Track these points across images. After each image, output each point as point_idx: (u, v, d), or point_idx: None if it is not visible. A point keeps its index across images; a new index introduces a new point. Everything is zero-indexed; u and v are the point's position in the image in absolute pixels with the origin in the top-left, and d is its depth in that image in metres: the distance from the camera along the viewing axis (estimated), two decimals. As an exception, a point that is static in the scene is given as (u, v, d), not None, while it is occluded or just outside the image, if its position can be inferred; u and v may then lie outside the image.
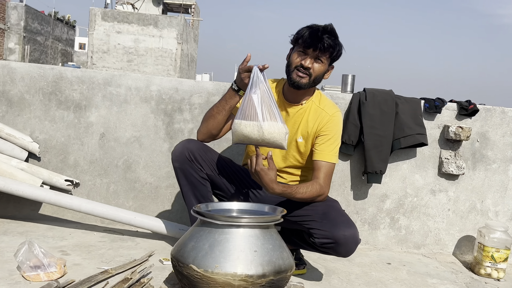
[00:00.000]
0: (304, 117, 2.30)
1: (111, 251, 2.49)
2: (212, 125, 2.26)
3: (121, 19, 24.61)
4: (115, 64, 24.52)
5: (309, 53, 2.17)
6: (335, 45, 2.18)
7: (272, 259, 1.44)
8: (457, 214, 3.04)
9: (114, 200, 2.97)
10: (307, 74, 2.19)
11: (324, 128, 2.26)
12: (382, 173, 2.88)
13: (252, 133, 2.00)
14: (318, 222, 2.13)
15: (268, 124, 1.98)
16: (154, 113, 2.95)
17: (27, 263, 2.04)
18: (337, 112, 2.32)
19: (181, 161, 2.25)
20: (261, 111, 1.97)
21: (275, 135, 2.00)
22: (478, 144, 3.02)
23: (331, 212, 2.19)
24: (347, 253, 2.14)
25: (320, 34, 2.14)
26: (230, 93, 2.22)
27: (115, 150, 2.96)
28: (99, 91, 2.93)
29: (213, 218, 1.48)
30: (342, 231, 2.08)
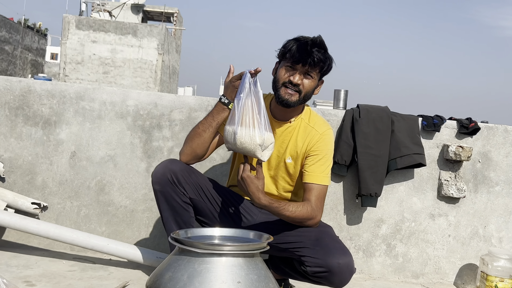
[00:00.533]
0: (293, 136, 2.30)
1: (81, 282, 2.45)
2: (197, 144, 2.24)
3: (97, 28, 24.63)
4: (90, 76, 24.46)
5: (298, 69, 2.17)
6: (325, 59, 2.19)
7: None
8: (458, 240, 3.05)
9: (86, 225, 2.94)
10: (297, 91, 2.19)
11: (314, 148, 2.26)
12: (378, 196, 2.88)
13: (231, 139, 2.03)
14: (310, 249, 2.12)
15: (241, 131, 1.99)
16: (130, 130, 2.94)
17: (-13, 295, 2.00)
18: (328, 130, 2.33)
19: (163, 183, 2.23)
20: (239, 116, 1.99)
21: (245, 144, 2.00)
22: (480, 164, 3.05)
23: (324, 238, 2.18)
24: (341, 283, 2.12)
25: (309, 48, 2.14)
26: (218, 108, 2.22)
27: (87, 170, 2.93)
28: (71, 106, 2.92)
29: (192, 246, 1.47)
30: (336, 259, 2.07)
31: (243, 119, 2.00)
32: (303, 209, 2.14)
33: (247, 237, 1.69)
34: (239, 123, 1.99)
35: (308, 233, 2.20)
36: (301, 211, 2.13)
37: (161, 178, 2.23)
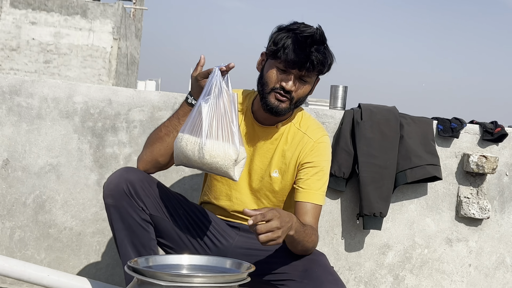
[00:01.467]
0: (280, 145, 2.29)
1: (14, 322, 2.42)
2: (159, 150, 2.23)
3: (37, 6, 24.46)
4: (28, 66, 24.25)
5: (292, 73, 2.14)
6: (325, 60, 2.15)
7: (235, 334, 1.42)
8: (481, 271, 3.08)
9: (21, 251, 2.91)
10: (288, 98, 2.17)
11: (308, 159, 2.25)
12: (383, 216, 2.90)
13: (192, 152, 1.98)
14: (298, 282, 2.11)
15: (211, 144, 1.96)
16: (78, 132, 2.93)
17: None
18: (324, 136, 2.32)
19: (117, 196, 2.19)
20: (207, 125, 1.96)
21: (218, 158, 1.97)
22: (508, 178, 3.08)
23: (314, 269, 2.16)
24: None
25: (307, 48, 2.10)
26: (184, 108, 2.21)
27: (23, 183, 2.91)
28: (3, 103, 2.89)
29: (155, 277, 1.45)
30: None
31: (213, 129, 1.97)
32: (314, 234, 2.12)
33: (222, 267, 1.68)
34: (208, 133, 1.96)
35: (296, 263, 2.18)
36: (313, 235, 2.11)
37: (115, 190, 2.19)
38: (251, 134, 2.30)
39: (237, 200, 2.34)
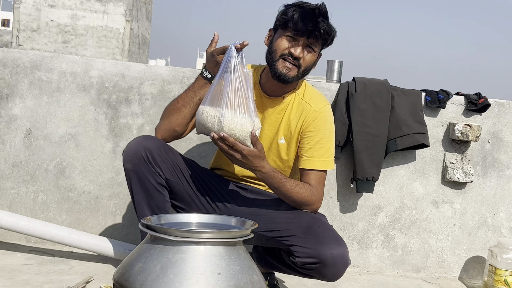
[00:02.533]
0: (286, 114, 2.29)
1: (38, 277, 2.45)
2: (176, 120, 2.25)
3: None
4: (47, 46, 24.14)
5: (300, 40, 2.16)
6: (330, 30, 2.19)
7: (239, 283, 1.43)
8: (464, 230, 3.09)
9: (43, 213, 2.92)
10: (296, 65, 2.18)
11: (310, 128, 2.26)
12: (375, 180, 2.91)
13: (212, 124, 2.01)
14: (301, 238, 2.12)
15: (230, 116, 1.98)
16: (94, 104, 2.92)
17: None
18: (326, 106, 2.33)
19: (136, 162, 2.21)
20: (226, 99, 1.97)
21: (235, 131, 1.99)
22: (490, 145, 3.08)
23: (316, 226, 2.18)
24: (334, 276, 2.14)
25: (315, 19, 2.13)
26: (199, 82, 2.22)
27: (44, 151, 2.91)
28: (25, 77, 2.89)
29: (166, 233, 1.46)
30: (330, 249, 2.06)
31: (231, 102, 1.99)
32: (303, 189, 2.17)
33: (228, 224, 1.69)
34: (226, 106, 1.98)
35: (299, 220, 2.21)
36: (301, 189, 2.16)
37: (134, 156, 2.20)
38: (259, 105, 2.30)
39: None
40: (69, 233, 2.68)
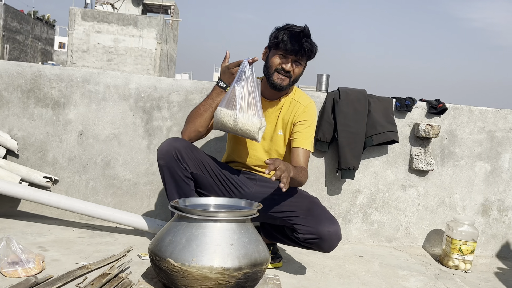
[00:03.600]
0: (281, 112, 2.33)
1: (89, 247, 2.45)
2: (199, 123, 2.27)
3: (101, 19, 24.27)
4: (95, 63, 24.18)
5: (290, 57, 2.20)
6: (313, 48, 2.22)
7: (248, 252, 1.43)
8: (427, 208, 3.08)
9: (93, 197, 2.93)
10: (288, 76, 2.23)
11: (300, 117, 2.30)
12: (355, 169, 2.90)
13: (228, 121, 2.10)
14: (303, 218, 2.15)
15: (243, 116, 2.08)
16: (132, 110, 2.92)
17: (4, 259, 2.00)
18: (311, 103, 2.36)
19: (167, 159, 2.22)
20: (240, 102, 2.06)
21: (248, 127, 2.10)
22: (447, 141, 3.07)
23: (315, 208, 2.22)
24: (329, 248, 2.17)
25: (300, 39, 2.16)
26: (216, 91, 2.26)
27: (93, 147, 2.92)
28: (78, 89, 2.89)
29: (190, 213, 1.47)
30: (327, 227, 2.11)
31: (244, 105, 2.08)
32: (303, 174, 2.18)
33: (239, 205, 1.69)
34: (240, 108, 2.07)
35: (300, 204, 2.23)
36: (303, 175, 2.17)
37: (166, 155, 2.22)
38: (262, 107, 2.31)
39: (255, 157, 2.37)
40: (113, 212, 2.68)
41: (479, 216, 3.10)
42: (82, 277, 2.02)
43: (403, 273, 2.55)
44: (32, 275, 1.97)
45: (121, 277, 2.01)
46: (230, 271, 1.38)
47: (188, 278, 1.38)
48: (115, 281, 1.95)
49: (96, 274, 2.03)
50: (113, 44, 24.45)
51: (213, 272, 1.37)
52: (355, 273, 2.47)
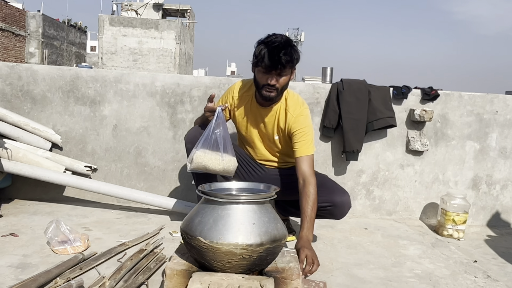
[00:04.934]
0: (276, 118, 2.22)
1: (127, 226, 2.47)
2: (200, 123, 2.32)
3: (126, 24, 24.23)
4: (122, 64, 24.21)
5: (272, 73, 2.04)
6: (292, 59, 2.02)
7: (268, 230, 1.43)
8: (423, 184, 3.05)
9: (128, 182, 2.94)
10: (274, 89, 2.08)
11: (293, 128, 2.17)
12: (358, 152, 2.87)
13: (212, 163, 2.08)
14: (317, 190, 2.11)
15: (226, 157, 2.09)
16: (159, 105, 2.92)
17: (55, 239, 2.03)
18: (302, 110, 2.19)
19: (194, 142, 2.19)
20: (222, 146, 2.07)
21: (231, 167, 2.12)
22: (440, 124, 3.02)
23: (326, 182, 2.24)
24: (341, 215, 2.19)
25: (277, 55, 1.98)
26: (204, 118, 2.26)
27: (126, 139, 2.93)
28: (111, 88, 2.89)
29: (216, 197, 1.46)
30: (339, 196, 2.15)
31: (226, 147, 2.09)
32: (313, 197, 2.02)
33: (258, 188, 1.68)
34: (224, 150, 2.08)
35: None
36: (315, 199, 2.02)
37: (193, 139, 2.21)
38: (256, 113, 2.24)
39: (260, 154, 2.34)
40: (146, 195, 2.70)
41: (470, 190, 3.07)
42: (122, 253, 2.04)
43: (403, 242, 2.54)
44: (79, 252, 2.00)
45: (156, 252, 2.03)
46: (253, 247, 1.38)
47: (216, 254, 1.38)
48: (150, 256, 1.97)
49: (134, 250, 2.05)
50: (138, 45, 24.43)
51: (238, 248, 1.37)
52: (361, 243, 2.46)
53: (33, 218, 2.50)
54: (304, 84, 3.03)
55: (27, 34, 23.62)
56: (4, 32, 21.27)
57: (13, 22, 22.12)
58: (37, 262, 1.89)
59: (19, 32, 22.78)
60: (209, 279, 1.37)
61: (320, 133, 2.93)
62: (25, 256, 1.95)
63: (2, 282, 1.68)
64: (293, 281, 1.43)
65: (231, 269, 1.41)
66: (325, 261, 2.14)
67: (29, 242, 2.11)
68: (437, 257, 2.32)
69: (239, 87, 2.28)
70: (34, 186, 2.83)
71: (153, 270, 1.85)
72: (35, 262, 1.88)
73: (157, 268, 1.88)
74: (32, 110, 2.85)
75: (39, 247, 2.05)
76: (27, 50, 23.76)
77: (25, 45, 23.65)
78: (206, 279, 1.37)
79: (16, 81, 2.83)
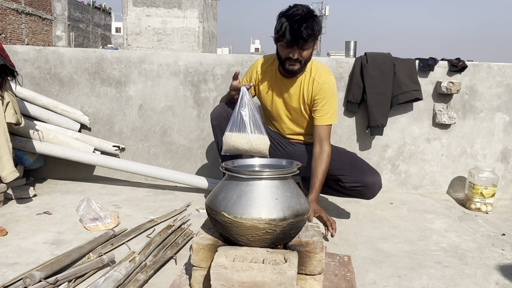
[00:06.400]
0: (301, 89, 2.20)
1: (155, 203, 2.54)
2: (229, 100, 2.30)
3: (149, 4, 24.27)
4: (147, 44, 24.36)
5: (294, 47, 2.01)
6: (314, 31, 1.98)
7: (291, 204, 1.44)
8: (450, 158, 3.00)
9: (155, 161, 3.00)
10: (298, 62, 2.06)
11: (318, 96, 2.16)
12: (383, 126, 2.84)
13: (241, 144, 2.08)
14: (347, 170, 2.17)
15: (254, 137, 2.07)
16: (183, 84, 2.94)
17: (87, 216, 2.10)
18: (328, 77, 2.17)
19: (220, 120, 2.25)
20: (249, 125, 2.06)
21: (261, 146, 2.09)
22: (467, 96, 2.94)
23: (357, 162, 2.23)
24: (372, 195, 2.19)
25: (299, 29, 1.94)
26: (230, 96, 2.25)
27: (152, 119, 2.97)
28: (135, 69, 2.92)
29: (239, 173, 1.48)
30: (370, 177, 2.14)
31: (252, 127, 2.07)
32: (326, 165, 2.09)
33: (281, 164, 1.69)
34: (251, 131, 2.07)
35: (343, 159, 2.22)
36: (326, 167, 2.10)
37: (219, 116, 2.26)
38: (281, 85, 2.23)
39: (287, 128, 2.34)
40: (173, 173, 2.75)
41: (499, 163, 2.99)
42: (151, 229, 2.11)
43: (429, 216, 2.52)
44: (110, 228, 2.07)
45: (183, 228, 2.08)
46: (276, 221, 1.40)
47: (240, 228, 1.41)
48: (178, 232, 2.02)
49: (162, 226, 2.11)
50: (161, 25, 24.49)
51: (261, 223, 1.39)
52: (386, 218, 2.45)
53: (65, 197, 2.59)
54: (327, 59, 2.99)
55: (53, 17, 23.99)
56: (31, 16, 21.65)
57: (39, 6, 22.48)
58: (71, 238, 1.97)
59: (46, 16, 23.14)
60: (234, 252, 1.40)
61: (344, 108, 2.90)
62: (59, 233, 2.03)
63: (39, 258, 1.76)
64: (317, 255, 1.45)
65: (255, 243, 1.44)
66: (349, 235, 2.15)
67: (62, 220, 2.20)
68: (463, 231, 2.29)
69: (261, 63, 2.27)
70: (66, 166, 2.92)
71: (181, 245, 1.90)
72: (69, 239, 1.96)
73: (185, 243, 1.93)
74: (60, 93, 2.92)
75: (72, 224, 2.14)
76: (54, 34, 24.17)
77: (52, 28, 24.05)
78: (231, 253, 1.40)
79: (43, 64, 2.90)
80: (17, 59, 2.87)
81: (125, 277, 1.53)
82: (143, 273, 1.60)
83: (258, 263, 1.34)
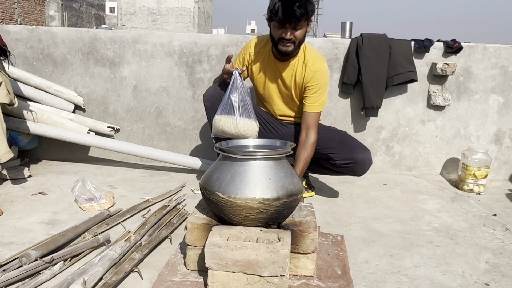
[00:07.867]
0: (293, 73, 2.20)
1: (150, 184, 2.55)
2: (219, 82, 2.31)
3: (144, -17, 23.88)
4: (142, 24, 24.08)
5: (286, 27, 2.00)
6: (307, 11, 1.98)
7: (284, 184, 1.45)
8: (444, 139, 3.01)
9: (150, 142, 3.00)
10: (291, 42, 2.05)
11: (309, 83, 2.16)
12: (378, 108, 2.84)
13: (229, 128, 2.08)
14: (337, 148, 2.20)
15: (243, 122, 2.07)
16: (177, 65, 2.92)
17: (82, 196, 2.11)
18: (321, 65, 2.17)
19: (212, 101, 2.25)
20: (238, 110, 2.05)
21: (248, 131, 2.09)
22: (462, 78, 2.94)
23: (347, 140, 2.25)
24: (362, 171, 2.21)
25: (291, 8, 1.94)
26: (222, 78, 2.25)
27: (147, 99, 2.96)
28: (129, 49, 2.90)
29: (233, 153, 1.48)
30: (360, 154, 2.17)
31: (241, 112, 2.07)
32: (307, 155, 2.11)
33: (275, 145, 1.70)
34: (239, 115, 2.06)
35: (333, 137, 2.24)
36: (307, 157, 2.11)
37: (211, 97, 2.26)
38: (274, 68, 2.23)
39: (278, 110, 2.34)
40: (168, 154, 2.75)
41: (492, 144, 3.02)
42: (146, 209, 2.12)
43: (422, 197, 2.54)
44: (105, 208, 2.08)
45: (178, 208, 2.09)
46: (269, 201, 1.41)
47: (234, 208, 1.42)
48: (173, 212, 2.04)
49: (157, 207, 2.12)
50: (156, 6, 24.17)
51: (255, 203, 1.40)
52: (380, 198, 2.48)
53: (60, 178, 2.59)
54: (322, 40, 2.97)
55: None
56: (24, -5, 21.27)
57: (32, -15, 22.06)
58: (66, 218, 1.98)
59: (39, -5, 22.74)
60: (228, 232, 1.42)
61: (339, 90, 2.90)
62: (54, 213, 2.04)
63: (34, 237, 1.77)
64: (310, 234, 1.47)
65: (249, 222, 1.45)
66: (343, 215, 2.17)
67: (57, 200, 2.21)
68: (456, 211, 2.32)
69: (255, 43, 2.25)
70: (60, 147, 2.92)
71: (175, 225, 1.91)
72: (64, 219, 1.97)
73: (180, 223, 1.95)
74: (53, 73, 2.90)
75: (67, 205, 2.14)
76: (47, 14, 23.78)
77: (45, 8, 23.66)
78: (225, 232, 1.42)
79: (36, 44, 2.87)
80: (9, 39, 2.83)
81: (121, 256, 1.55)
82: (138, 252, 1.61)
83: (252, 242, 1.36)
